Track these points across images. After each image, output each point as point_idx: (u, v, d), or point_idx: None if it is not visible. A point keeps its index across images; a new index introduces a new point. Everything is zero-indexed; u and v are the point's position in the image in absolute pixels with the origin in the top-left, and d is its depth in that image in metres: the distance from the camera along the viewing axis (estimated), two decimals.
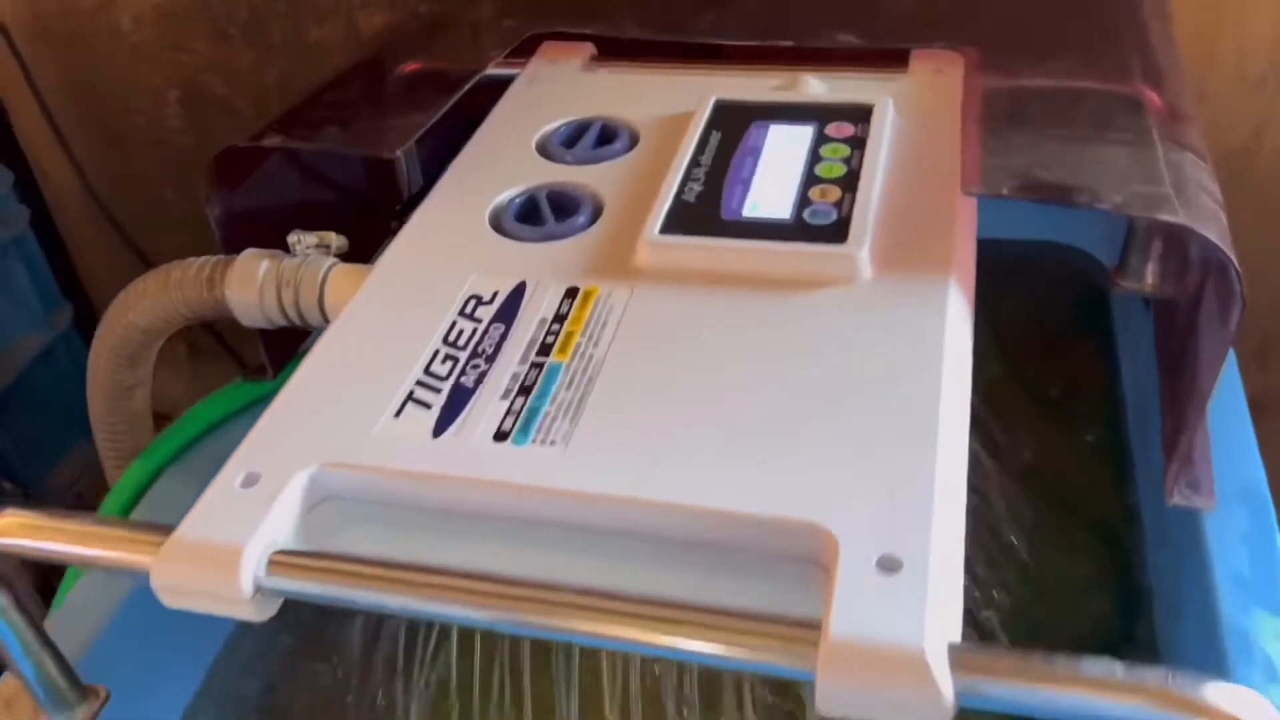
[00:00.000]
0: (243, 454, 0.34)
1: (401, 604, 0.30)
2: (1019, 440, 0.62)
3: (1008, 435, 0.62)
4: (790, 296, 0.38)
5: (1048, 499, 0.59)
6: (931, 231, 0.40)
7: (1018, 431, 0.62)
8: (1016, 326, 0.68)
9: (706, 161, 0.45)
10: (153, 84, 1.01)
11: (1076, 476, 0.59)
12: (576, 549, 0.32)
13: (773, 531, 0.30)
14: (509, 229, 0.43)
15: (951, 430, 0.32)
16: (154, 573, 0.31)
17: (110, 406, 0.50)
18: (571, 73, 0.54)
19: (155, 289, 0.45)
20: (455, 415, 0.35)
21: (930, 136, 0.45)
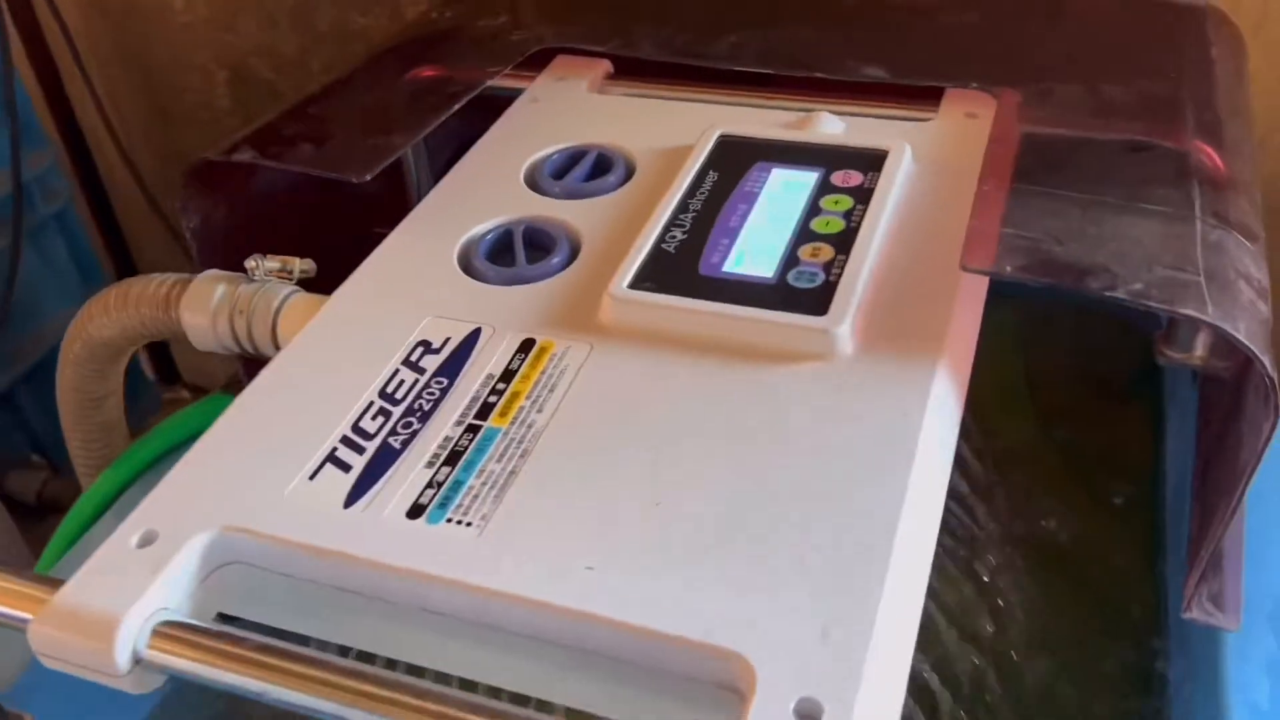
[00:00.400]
0: (144, 510, 0.32)
1: (278, 695, 0.28)
2: (1041, 507, 0.57)
3: (1029, 500, 0.57)
4: (760, 370, 0.34)
5: (1064, 575, 0.55)
6: (926, 307, 0.36)
7: (1042, 498, 0.58)
8: (1056, 383, 0.63)
9: (696, 206, 0.41)
10: (202, 63, 1.00)
11: (1099, 556, 0.55)
12: (480, 642, 0.29)
13: (690, 655, 0.27)
14: (477, 268, 0.40)
15: (908, 560, 0.28)
16: (31, 635, 0.29)
17: (79, 416, 0.49)
18: (577, 92, 0.51)
19: (116, 304, 0.43)
20: (373, 482, 0.32)
21: (945, 192, 0.41)
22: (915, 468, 0.31)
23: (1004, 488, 0.56)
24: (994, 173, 0.40)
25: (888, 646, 0.27)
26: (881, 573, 0.28)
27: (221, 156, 0.43)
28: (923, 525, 0.30)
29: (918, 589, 0.29)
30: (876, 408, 0.33)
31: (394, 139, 0.44)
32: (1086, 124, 0.44)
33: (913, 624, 0.29)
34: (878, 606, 0.27)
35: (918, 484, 0.30)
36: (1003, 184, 0.39)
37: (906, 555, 0.29)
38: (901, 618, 0.28)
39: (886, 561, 0.28)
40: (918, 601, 0.29)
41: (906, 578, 0.28)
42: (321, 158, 0.43)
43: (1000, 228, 0.36)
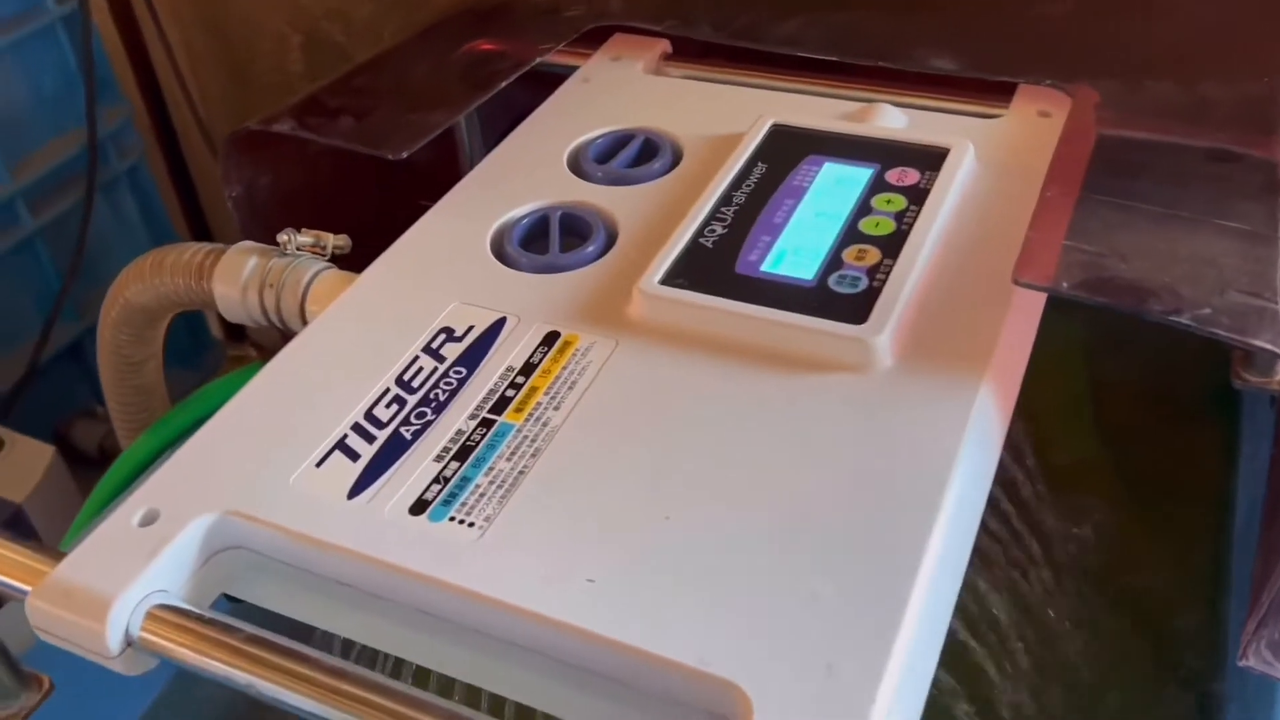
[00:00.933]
0: (148, 488, 0.31)
1: (265, 690, 0.27)
2: (1098, 531, 0.54)
3: (1085, 522, 0.54)
4: (790, 379, 0.33)
5: (1117, 604, 0.52)
6: (975, 320, 0.34)
7: (1099, 520, 0.55)
8: (1123, 398, 0.60)
9: (740, 199, 0.39)
10: (277, 27, 1.01)
11: (1157, 586, 0.52)
12: (472, 646, 0.28)
13: (685, 681, 0.25)
14: (509, 253, 0.39)
15: (930, 598, 0.26)
16: (28, 609, 0.29)
17: (117, 379, 0.49)
18: (631, 74, 0.49)
19: (151, 271, 0.43)
20: (379, 474, 0.31)
21: (1008, 197, 0.39)
22: (947, 498, 0.29)
23: (1058, 507, 0.53)
24: (1060, 178, 0.37)
25: (899, 689, 0.25)
26: (899, 611, 0.26)
27: (261, 126, 0.43)
28: (950, 561, 0.28)
29: (938, 630, 0.27)
30: (911, 428, 0.31)
31: (435, 116, 0.43)
32: (1168, 127, 0.41)
33: (929, 666, 0.27)
34: (891, 646, 0.25)
35: (948, 516, 0.28)
36: (1069, 191, 0.37)
37: (929, 593, 0.27)
38: (917, 659, 0.26)
39: (906, 599, 0.26)
40: (937, 644, 0.27)
41: (927, 617, 0.26)
42: (361, 132, 0.42)
43: (1061, 239, 0.34)
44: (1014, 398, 0.33)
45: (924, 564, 0.27)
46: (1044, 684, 0.47)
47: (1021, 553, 0.50)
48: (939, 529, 0.28)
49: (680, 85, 0.49)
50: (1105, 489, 0.55)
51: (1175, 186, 0.37)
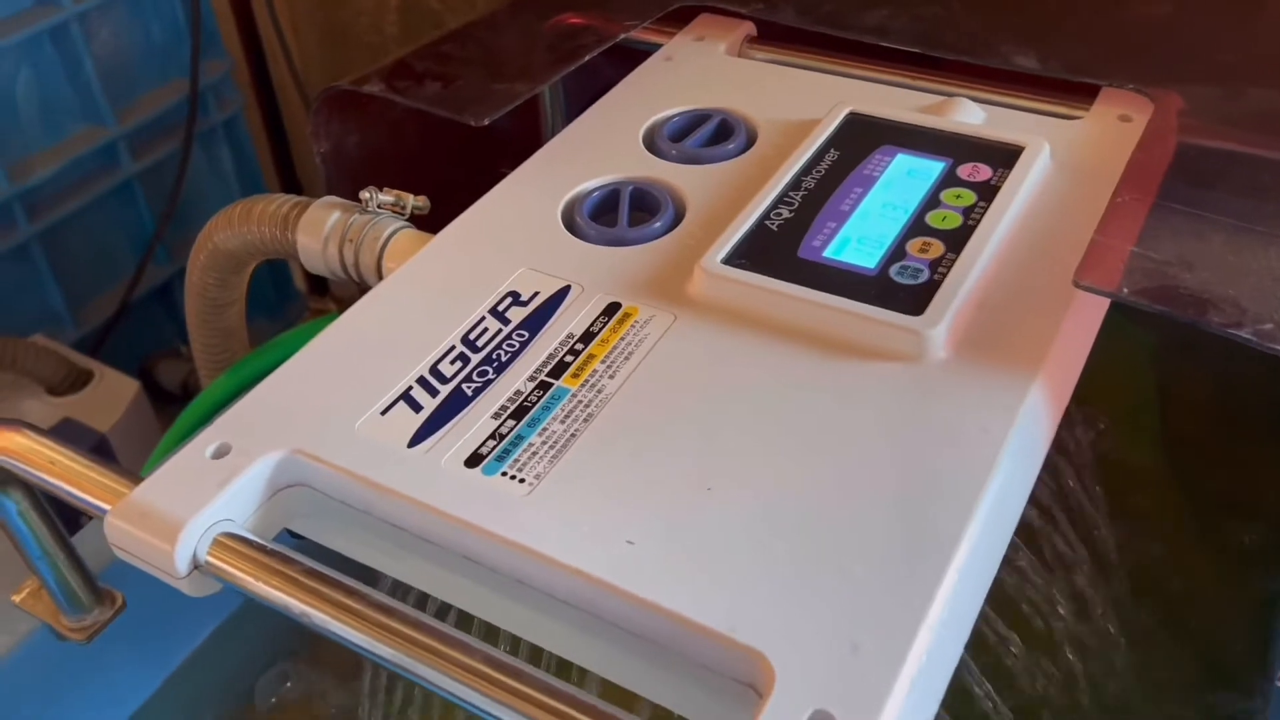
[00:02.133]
0: (223, 422, 0.33)
1: (318, 621, 0.29)
2: (1152, 540, 0.54)
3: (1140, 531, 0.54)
4: (843, 364, 0.33)
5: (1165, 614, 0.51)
6: (1033, 320, 0.34)
7: (1155, 530, 0.54)
8: (1191, 410, 0.59)
9: (809, 184, 0.40)
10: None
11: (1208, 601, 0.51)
12: (513, 596, 0.29)
13: (713, 646, 0.26)
14: (579, 224, 0.40)
15: (961, 587, 0.27)
16: (106, 527, 0.31)
17: (201, 320, 0.51)
18: (713, 55, 0.50)
19: (240, 218, 0.45)
20: (439, 426, 0.32)
21: (1080, 199, 0.38)
22: (987, 493, 0.29)
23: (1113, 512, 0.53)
24: (1134, 184, 0.37)
25: (921, 672, 0.26)
26: (929, 596, 0.27)
27: (352, 86, 0.44)
28: (983, 554, 0.28)
29: (966, 619, 0.28)
30: (959, 421, 0.31)
31: (518, 86, 0.44)
32: (1252, 138, 0.40)
33: (954, 655, 0.27)
34: (917, 629, 0.26)
35: (986, 510, 0.29)
36: (1142, 197, 0.36)
37: (959, 583, 0.27)
38: (942, 645, 0.27)
39: (936, 587, 0.27)
40: (964, 633, 0.28)
41: (956, 606, 0.27)
42: (445, 97, 0.43)
43: (1128, 245, 0.34)
44: (1066, 400, 0.33)
45: (957, 554, 0.27)
46: (1077, 688, 0.47)
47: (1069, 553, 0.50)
48: (975, 522, 0.28)
49: (761, 68, 0.49)
50: (1163, 499, 0.55)
51: (1252, 200, 0.37)
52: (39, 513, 0.38)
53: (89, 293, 0.95)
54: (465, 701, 0.26)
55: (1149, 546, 0.53)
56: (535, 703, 0.26)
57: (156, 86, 0.94)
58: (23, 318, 0.89)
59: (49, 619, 0.43)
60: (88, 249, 0.93)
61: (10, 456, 0.34)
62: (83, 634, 0.43)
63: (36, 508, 0.38)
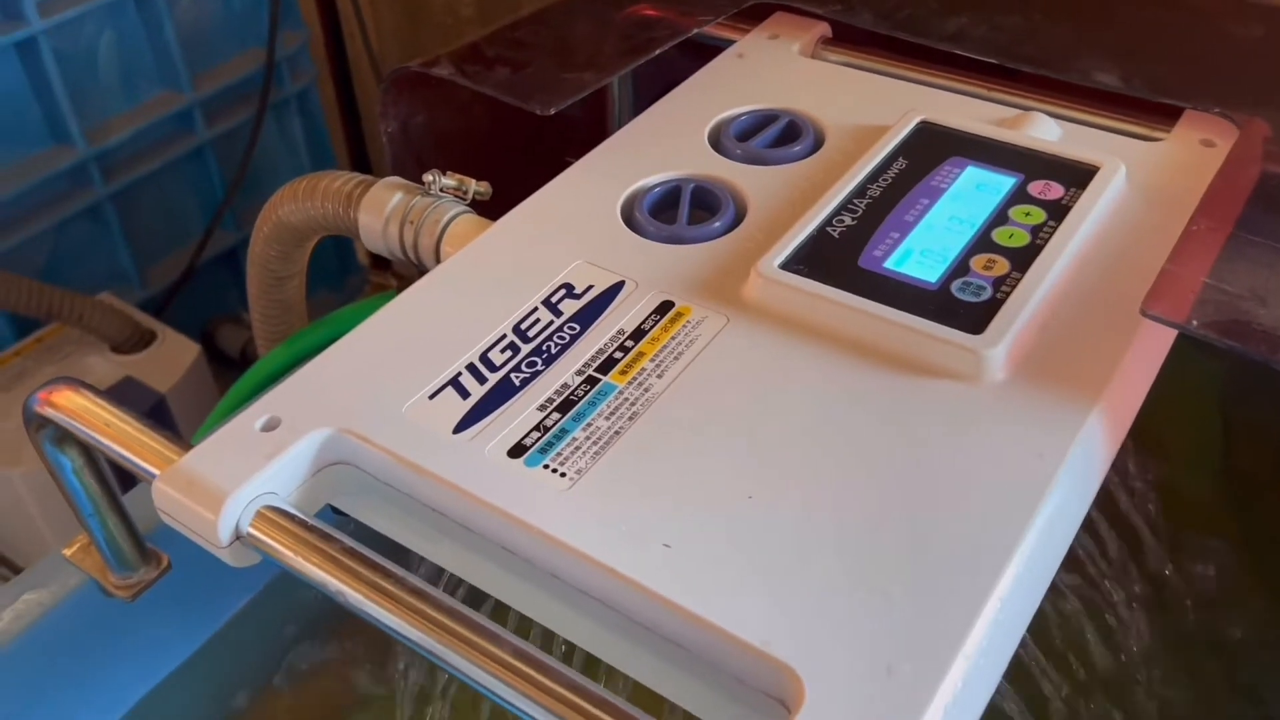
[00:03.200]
0: (274, 396, 0.33)
1: (353, 601, 0.29)
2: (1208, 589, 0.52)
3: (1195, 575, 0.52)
4: (897, 380, 0.33)
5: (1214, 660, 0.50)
6: (1097, 346, 0.33)
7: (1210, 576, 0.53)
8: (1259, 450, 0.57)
9: (875, 192, 0.39)
10: None
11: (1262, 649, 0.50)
12: (547, 589, 0.29)
13: (745, 657, 0.26)
14: (638, 219, 0.40)
15: (1002, 617, 0.26)
16: (154, 491, 0.32)
17: (262, 290, 0.52)
18: (786, 54, 0.49)
19: (304, 193, 0.46)
20: (485, 414, 0.32)
21: (1154, 225, 0.37)
22: (1036, 523, 0.28)
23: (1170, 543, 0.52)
24: (1212, 212, 0.36)
25: (955, 700, 0.25)
26: (969, 623, 0.26)
27: (421, 68, 0.44)
28: (1028, 585, 0.28)
29: (1005, 650, 0.27)
30: (1013, 445, 0.30)
31: (587, 76, 0.44)
32: None
33: (991, 683, 0.27)
34: (954, 656, 0.25)
35: (1033, 541, 0.28)
36: (1219, 226, 0.35)
37: (1000, 613, 0.27)
38: (980, 674, 0.26)
39: (978, 613, 0.26)
40: (1001, 664, 0.27)
41: (995, 636, 0.26)
42: (513, 84, 0.43)
43: (1200, 275, 0.33)
44: (1125, 431, 0.32)
45: (1000, 584, 0.27)
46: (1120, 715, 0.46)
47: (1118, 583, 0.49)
48: (1021, 552, 0.28)
49: (834, 71, 0.48)
50: (1222, 534, 0.53)
51: None
52: (93, 471, 0.39)
53: (157, 254, 0.97)
54: (491, 692, 0.26)
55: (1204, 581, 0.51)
56: (561, 699, 0.25)
57: (234, 55, 0.96)
58: (92, 276, 0.91)
59: (97, 575, 0.44)
60: (158, 212, 0.95)
61: (68, 415, 0.35)
62: (128, 591, 0.44)
63: (91, 466, 0.39)
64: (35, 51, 0.79)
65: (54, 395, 0.36)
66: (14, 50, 0.79)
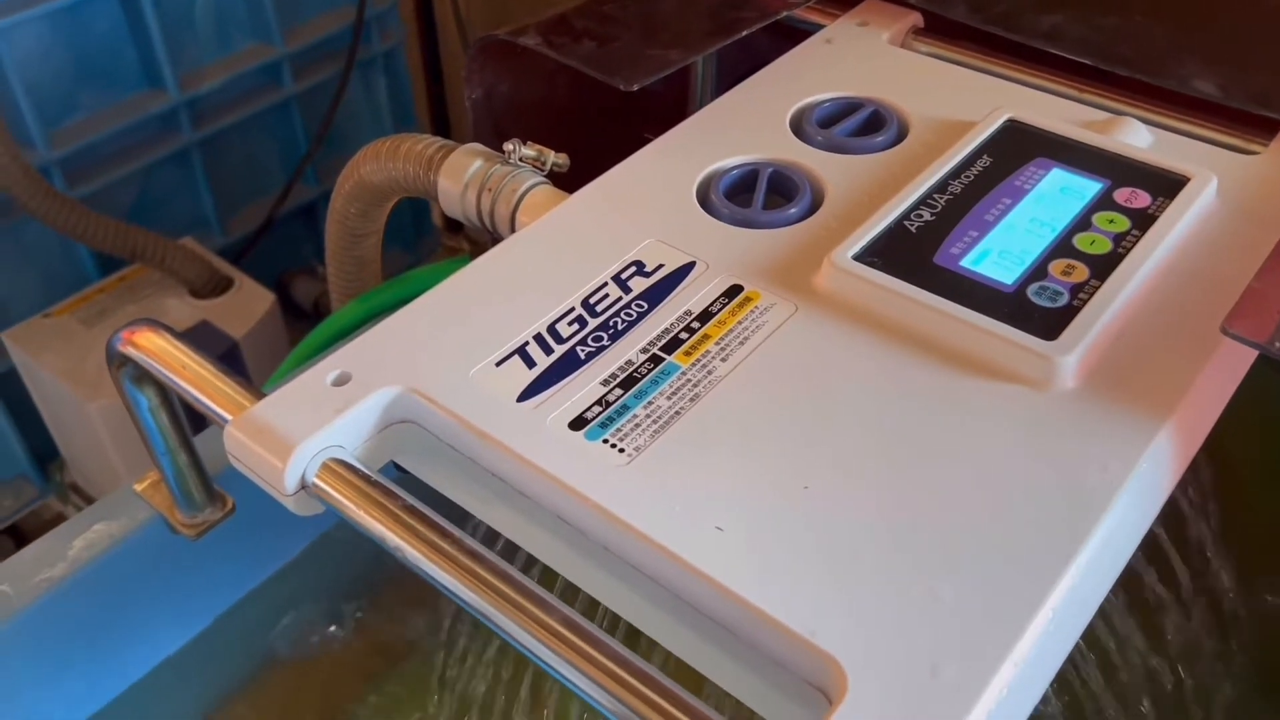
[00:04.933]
0: (347, 351, 0.34)
1: (410, 558, 0.30)
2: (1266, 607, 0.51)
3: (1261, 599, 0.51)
4: (965, 380, 0.32)
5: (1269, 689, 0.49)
6: (1173, 361, 0.32)
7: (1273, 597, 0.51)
8: None
9: (956, 188, 0.39)
10: None
11: None
12: (598, 561, 0.30)
13: (790, 645, 0.26)
14: (713, 201, 0.40)
15: (1054, 628, 0.26)
16: (225, 436, 0.33)
17: (339, 247, 0.53)
18: (875, 42, 0.49)
19: (387, 153, 0.46)
20: (549, 385, 0.33)
21: (1244, 241, 0.36)
22: (1095, 536, 0.28)
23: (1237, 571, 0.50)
24: None
25: (999, 706, 0.25)
26: (1019, 630, 0.26)
27: (508, 36, 0.45)
28: (1081, 598, 0.27)
29: (1054, 659, 0.27)
30: (1078, 456, 0.30)
31: (673, 54, 0.43)
32: None
33: (1037, 692, 0.26)
34: (1001, 663, 0.25)
35: (1091, 554, 0.28)
36: None
37: (1051, 624, 0.26)
38: (1026, 682, 0.26)
39: (1029, 621, 0.26)
40: (1048, 674, 0.27)
41: (1044, 646, 0.26)
42: (599, 58, 0.43)
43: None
44: (1194, 450, 0.32)
45: (1054, 595, 0.27)
46: None
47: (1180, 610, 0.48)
48: (1078, 564, 0.27)
49: (922, 62, 0.48)
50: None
51: None
52: (168, 411, 0.40)
53: (238, 204, 0.99)
54: (536, 656, 0.27)
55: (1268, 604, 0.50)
56: (603, 668, 0.26)
57: (325, 11, 0.97)
58: (176, 220, 0.93)
59: (165, 511, 0.45)
60: (242, 162, 0.97)
61: (148, 356, 0.36)
62: (193, 530, 0.45)
63: (166, 406, 0.40)
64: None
65: (136, 335, 0.37)
66: None
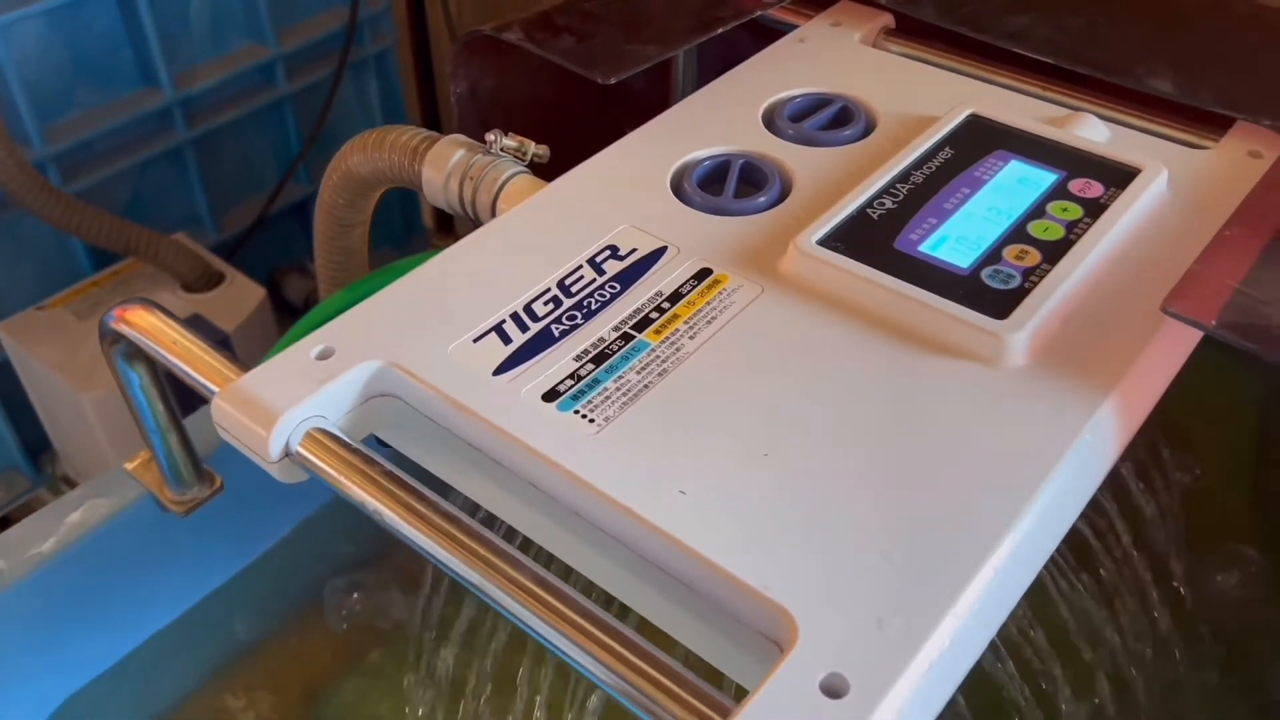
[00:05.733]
0: (331, 328, 0.36)
1: (389, 521, 0.31)
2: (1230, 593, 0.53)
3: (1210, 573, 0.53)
4: (920, 358, 0.34)
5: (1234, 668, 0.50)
6: (1117, 340, 0.34)
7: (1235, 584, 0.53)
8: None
9: (918, 179, 0.40)
10: None
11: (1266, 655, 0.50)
12: (567, 526, 0.31)
13: (745, 599, 0.28)
14: (685, 190, 0.41)
15: (994, 587, 0.28)
16: (213, 407, 0.34)
17: (328, 237, 0.54)
18: (847, 41, 0.50)
19: (374, 145, 0.48)
20: (524, 360, 0.34)
21: (1191, 230, 0.38)
22: (1040, 497, 0.29)
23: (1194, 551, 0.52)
24: (1246, 220, 0.37)
25: (941, 658, 0.26)
26: (961, 585, 0.27)
27: (492, 32, 0.46)
28: (1025, 557, 0.29)
29: (995, 617, 0.28)
30: (1024, 428, 0.32)
31: (650, 49, 0.45)
32: None
33: (978, 647, 0.28)
34: (943, 616, 0.27)
35: (1036, 513, 0.29)
36: (1254, 234, 0.36)
37: (995, 580, 0.28)
38: (967, 637, 0.27)
39: (971, 578, 0.28)
40: (990, 630, 0.28)
41: (987, 601, 0.28)
42: (578, 53, 0.45)
43: (1225, 278, 0.33)
44: (1136, 426, 0.33)
45: (997, 552, 0.28)
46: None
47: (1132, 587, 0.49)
48: (1020, 526, 0.29)
49: (892, 60, 0.49)
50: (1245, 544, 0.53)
51: None
52: (158, 389, 0.42)
53: (231, 201, 1.00)
54: (510, 613, 0.28)
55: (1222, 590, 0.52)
56: (574, 625, 0.27)
57: (318, 12, 0.98)
58: (169, 216, 0.94)
59: (155, 489, 0.47)
60: (235, 160, 0.98)
61: (140, 333, 0.37)
62: (182, 507, 0.47)
63: (157, 384, 0.42)
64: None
65: (128, 313, 0.39)
66: None
